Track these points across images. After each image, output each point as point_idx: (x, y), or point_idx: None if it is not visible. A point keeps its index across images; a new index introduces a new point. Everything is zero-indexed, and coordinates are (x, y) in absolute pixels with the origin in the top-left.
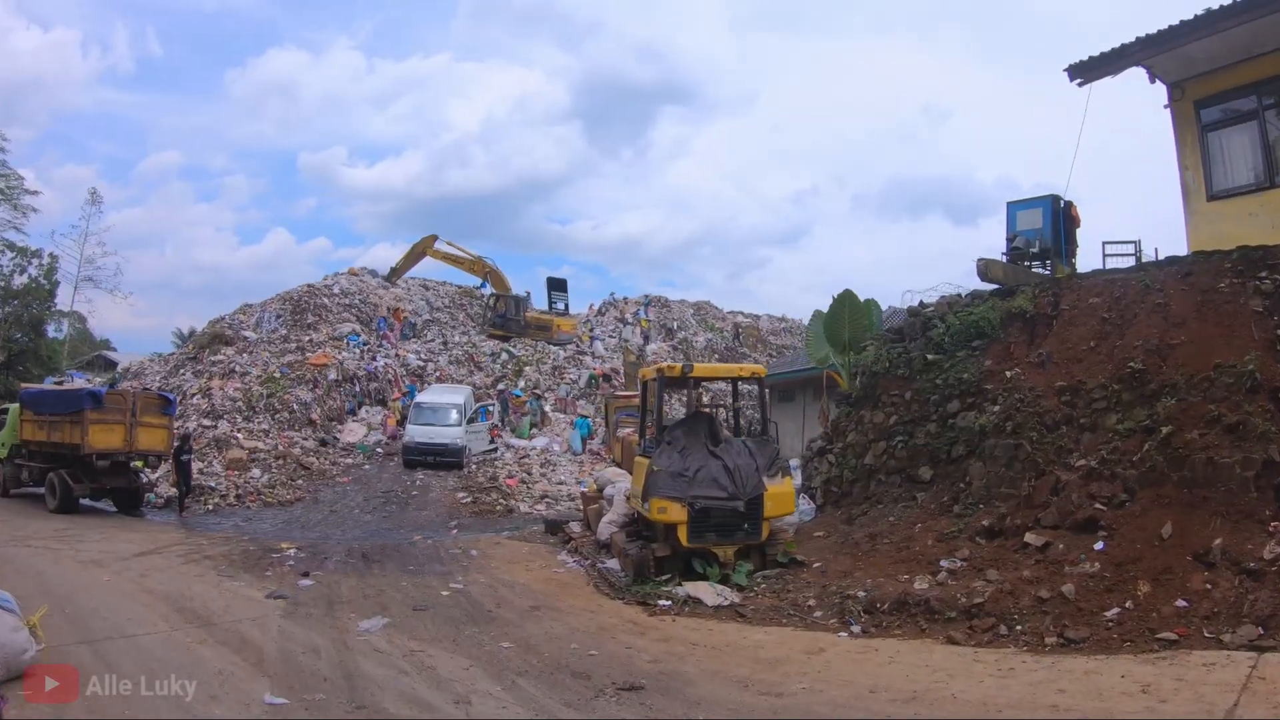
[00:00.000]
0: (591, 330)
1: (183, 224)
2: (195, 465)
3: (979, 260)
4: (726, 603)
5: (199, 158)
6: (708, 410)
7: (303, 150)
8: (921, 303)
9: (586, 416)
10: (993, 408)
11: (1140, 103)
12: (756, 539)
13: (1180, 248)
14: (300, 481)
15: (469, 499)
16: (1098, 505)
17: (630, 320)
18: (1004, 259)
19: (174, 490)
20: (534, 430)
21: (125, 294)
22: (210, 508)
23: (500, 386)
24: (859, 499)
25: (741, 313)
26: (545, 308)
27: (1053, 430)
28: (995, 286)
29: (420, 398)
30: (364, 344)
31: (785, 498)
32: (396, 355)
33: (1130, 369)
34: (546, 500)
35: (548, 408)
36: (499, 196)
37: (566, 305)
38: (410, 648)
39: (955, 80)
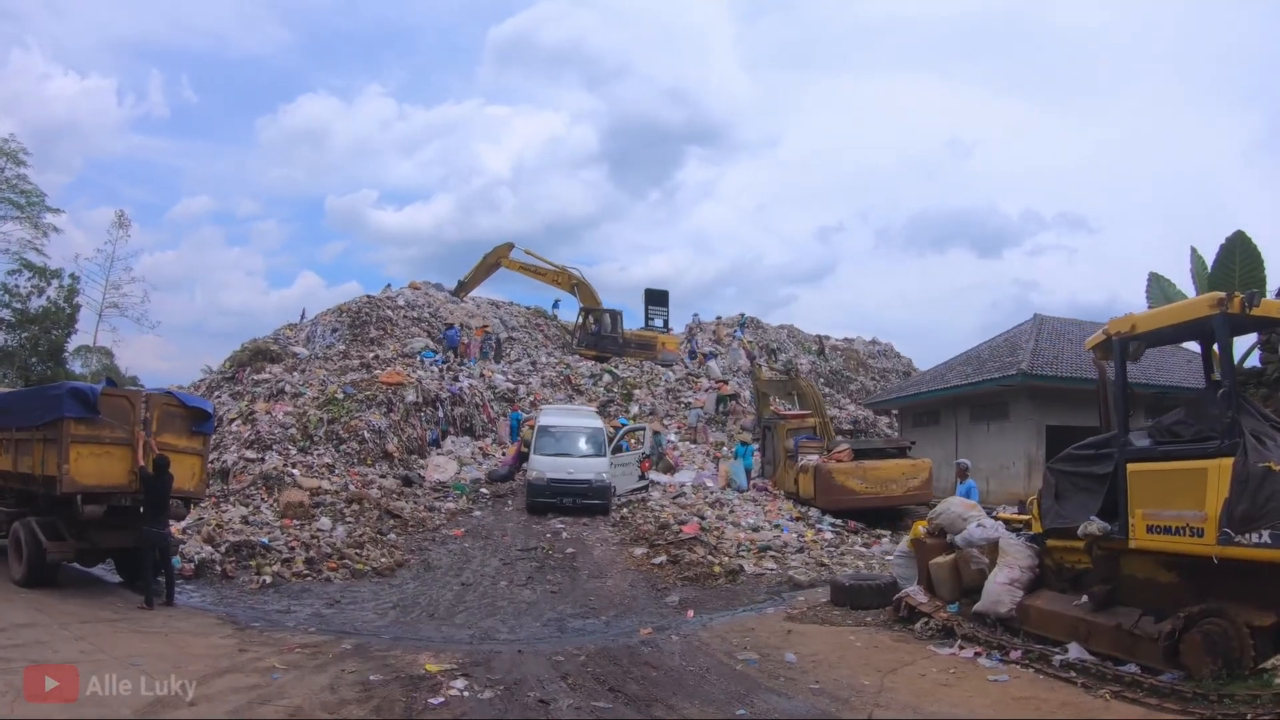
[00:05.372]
0: (691, 350)
1: (213, 268)
2: (238, 511)
3: None
4: None
5: (229, 203)
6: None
7: (330, 194)
8: None
9: (749, 443)
10: None
11: None
12: None
13: None
14: (394, 535)
15: (662, 558)
16: None
17: (728, 342)
18: None
19: (203, 551)
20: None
21: (152, 324)
22: (267, 580)
23: (643, 418)
24: None
25: (829, 335)
26: (642, 325)
27: None
28: None
29: (544, 420)
30: (442, 362)
31: None
32: (481, 375)
33: None
34: (771, 554)
35: (672, 436)
36: (526, 239)
37: (666, 321)
38: None
39: (978, 114)
